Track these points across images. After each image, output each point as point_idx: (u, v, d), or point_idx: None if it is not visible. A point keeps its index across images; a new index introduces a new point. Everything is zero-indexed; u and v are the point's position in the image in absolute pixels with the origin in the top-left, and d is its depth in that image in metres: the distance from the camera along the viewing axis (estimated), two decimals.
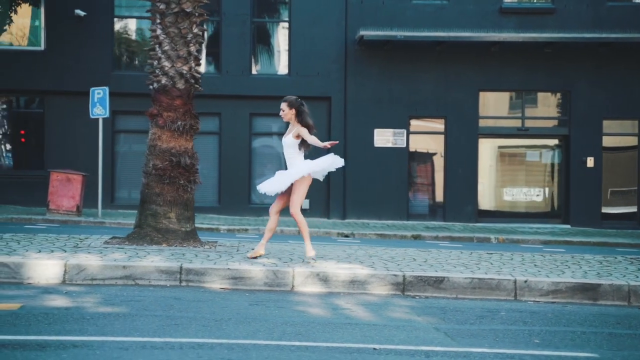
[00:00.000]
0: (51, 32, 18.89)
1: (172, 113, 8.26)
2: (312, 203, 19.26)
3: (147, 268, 6.93)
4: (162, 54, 8.30)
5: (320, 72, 19.19)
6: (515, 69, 19.16)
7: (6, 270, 6.81)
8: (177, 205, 8.26)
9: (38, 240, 8.40)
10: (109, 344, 4.84)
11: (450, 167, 19.31)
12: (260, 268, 7.03)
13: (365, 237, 15.81)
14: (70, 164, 17.98)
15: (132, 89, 18.74)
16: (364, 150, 19.18)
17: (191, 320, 5.57)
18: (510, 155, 20.42)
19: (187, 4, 8.20)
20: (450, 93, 19.22)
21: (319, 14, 19.17)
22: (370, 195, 19.11)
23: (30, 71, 18.74)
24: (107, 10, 19.03)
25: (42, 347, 4.71)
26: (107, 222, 16.31)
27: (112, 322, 5.41)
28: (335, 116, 19.25)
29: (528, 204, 20.02)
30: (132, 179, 19.48)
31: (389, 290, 6.96)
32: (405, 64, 19.16)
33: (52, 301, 6.05)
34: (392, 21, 19.02)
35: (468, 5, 19.19)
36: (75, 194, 16.64)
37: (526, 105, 19.74)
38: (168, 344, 4.88)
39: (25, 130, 19.63)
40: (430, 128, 19.71)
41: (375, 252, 8.55)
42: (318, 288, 6.97)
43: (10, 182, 18.95)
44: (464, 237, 16.15)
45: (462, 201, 19.26)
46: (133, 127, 19.40)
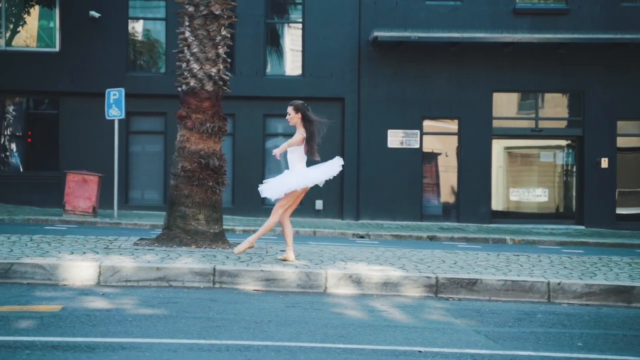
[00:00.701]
0: (66, 33, 18.95)
1: (200, 115, 8.29)
2: (326, 204, 19.30)
3: (180, 270, 6.96)
4: (190, 56, 8.32)
5: (334, 73, 19.22)
6: (528, 70, 19.17)
7: (42, 271, 6.84)
8: (205, 207, 8.28)
9: (68, 242, 8.43)
10: (156, 345, 4.86)
11: (463, 168, 19.33)
12: (293, 270, 7.05)
13: (381, 238, 15.83)
14: (85, 164, 18.03)
15: (145, 90, 18.83)
16: (377, 151, 19.20)
17: (232, 322, 5.60)
18: (522, 155, 20.44)
19: (216, 7, 8.23)
20: (463, 94, 19.23)
21: (333, 14, 19.20)
22: (384, 196, 19.13)
23: (45, 72, 18.80)
24: (122, 11, 19.08)
25: (92, 348, 4.74)
26: (123, 222, 16.35)
27: (155, 324, 5.44)
28: (349, 117, 19.27)
29: (541, 205, 20.02)
30: (145, 180, 19.56)
31: (422, 292, 6.98)
32: (418, 64, 19.17)
33: (91, 303, 6.08)
34: (405, 22, 19.04)
35: (482, 6, 19.21)
36: (91, 195, 16.68)
37: (540, 106, 19.75)
38: (214, 346, 4.90)
39: (40, 131, 19.69)
40: (443, 129, 19.73)
41: (403, 254, 8.57)
42: (351, 290, 6.99)
43: (24, 183, 19.02)
44: (479, 238, 16.15)
45: (476, 202, 19.27)
46: (146, 128, 19.47)
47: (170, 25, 19.12)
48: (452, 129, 19.52)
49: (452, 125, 19.52)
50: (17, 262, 6.84)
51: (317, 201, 19.23)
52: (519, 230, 18.24)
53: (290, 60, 19.88)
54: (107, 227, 15.70)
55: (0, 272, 6.80)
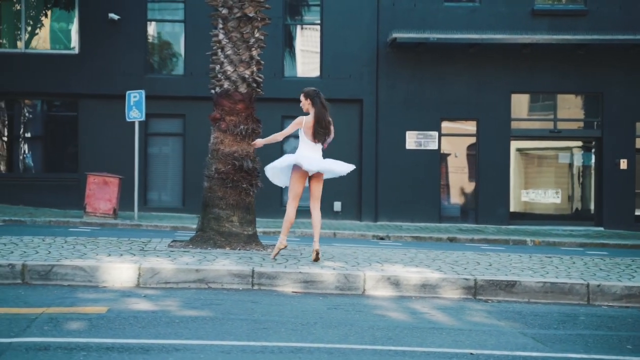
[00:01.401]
0: (85, 35, 19.03)
1: (234, 117, 8.31)
2: (344, 206, 19.31)
3: (219, 272, 6.98)
4: (224, 58, 8.35)
5: (352, 75, 19.23)
6: (547, 71, 19.15)
7: (82, 273, 6.87)
8: (239, 209, 8.30)
9: (102, 244, 8.46)
10: (208, 347, 4.88)
11: (482, 170, 19.31)
12: (331, 272, 7.06)
13: (401, 240, 15.82)
14: (103, 166, 18.09)
15: (164, 92, 18.89)
16: (395, 152, 19.20)
17: (278, 324, 5.61)
18: (539, 157, 20.40)
19: (250, 9, 8.25)
20: (482, 95, 19.22)
21: (351, 16, 19.22)
22: (402, 197, 19.13)
23: (64, 75, 18.89)
24: (140, 14, 19.15)
25: (146, 350, 4.76)
26: (144, 224, 16.39)
27: (202, 326, 5.46)
28: (367, 119, 19.28)
29: (559, 206, 19.98)
30: (164, 182, 19.62)
31: (460, 294, 6.98)
32: (436, 66, 19.17)
33: (134, 304, 6.10)
34: (423, 24, 19.05)
35: (500, 8, 19.19)
36: (112, 197, 16.73)
37: (558, 108, 19.71)
38: (266, 348, 4.92)
39: (59, 133, 19.78)
40: (462, 130, 19.71)
41: (436, 256, 8.57)
42: (389, 292, 7.00)
43: (43, 185, 19.11)
44: (500, 240, 16.12)
45: (494, 203, 19.25)
46: (165, 129, 19.52)
47: (188, 27, 19.20)
48: (471, 130, 19.50)
49: (471, 127, 19.50)
50: (57, 264, 6.88)
51: (335, 203, 19.25)
52: (538, 231, 18.22)
53: (308, 62, 19.91)
54: (128, 228, 15.75)
55: (41, 273, 6.84)
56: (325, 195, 18.77)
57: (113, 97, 18.86)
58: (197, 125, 19.26)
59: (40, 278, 6.83)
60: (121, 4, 19.00)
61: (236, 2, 8.31)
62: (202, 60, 19.19)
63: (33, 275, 6.82)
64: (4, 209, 17.73)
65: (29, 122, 19.66)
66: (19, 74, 18.78)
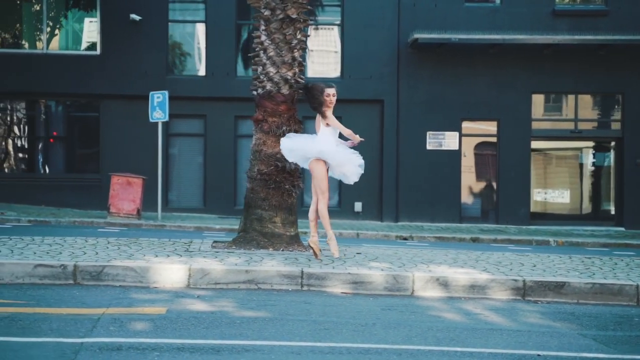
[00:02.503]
0: (107, 36, 19.09)
1: (276, 118, 8.34)
2: (365, 206, 19.33)
3: (269, 272, 7.01)
4: (267, 59, 8.37)
5: (373, 75, 19.25)
6: (568, 71, 19.13)
7: (133, 274, 6.91)
8: (282, 210, 8.34)
9: (145, 245, 8.50)
10: (277, 348, 4.91)
11: (503, 170, 19.31)
12: (380, 273, 7.09)
13: (424, 240, 15.84)
14: (125, 167, 18.14)
15: (185, 92, 18.93)
16: (416, 153, 19.22)
17: (337, 325, 5.64)
18: (560, 157, 20.38)
19: (292, 10, 8.27)
20: (502, 95, 19.21)
21: (371, 17, 19.23)
22: (423, 197, 19.14)
23: (85, 75, 18.95)
24: (162, 14, 19.20)
25: (217, 350, 4.80)
26: (168, 225, 16.44)
27: (264, 326, 5.49)
28: (388, 119, 19.30)
29: (579, 207, 19.97)
30: (185, 182, 19.67)
31: (509, 295, 7.00)
32: (457, 66, 19.17)
33: (191, 305, 6.14)
34: (444, 24, 19.05)
35: (521, 8, 19.18)
36: (135, 197, 16.78)
37: (579, 108, 19.69)
38: (334, 349, 4.94)
39: (81, 133, 19.86)
40: (482, 130, 19.71)
41: (478, 257, 8.59)
42: (438, 293, 7.02)
43: (65, 186, 19.17)
44: (523, 240, 16.12)
45: (515, 204, 19.25)
46: (186, 130, 19.57)
47: (210, 27, 19.25)
48: (491, 130, 19.50)
49: (491, 127, 19.51)
50: (108, 265, 6.92)
51: (356, 203, 19.28)
52: (559, 232, 18.21)
53: (329, 62, 19.94)
54: (152, 229, 15.80)
55: (93, 274, 6.88)
56: (346, 195, 19.00)
57: (134, 97, 18.92)
58: (218, 125, 19.34)
59: (92, 279, 6.87)
60: (142, 4, 19.05)
61: (279, 4, 8.33)
62: (223, 60, 19.35)
63: (85, 275, 6.87)
64: (27, 209, 17.81)
65: (50, 122, 19.73)
66: (41, 75, 18.85)
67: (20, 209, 17.62)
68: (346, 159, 7.82)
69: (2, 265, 6.76)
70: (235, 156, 19.41)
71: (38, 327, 5.17)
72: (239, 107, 19.21)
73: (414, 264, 7.69)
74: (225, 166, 19.31)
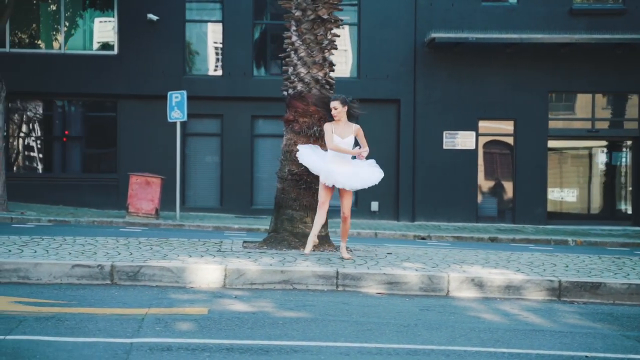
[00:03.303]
0: (124, 36, 19.15)
1: (307, 119, 8.35)
2: (381, 205, 19.34)
3: (304, 273, 7.03)
4: (298, 60, 8.39)
5: (390, 75, 19.26)
6: (585, 71, 19.10)
7: (169, 274, 6.94)
8: (312, 210, 8.34)
9: (177, 245, 8.52)
10: (325, 349, 4.92)
11: (519, 169, 19.29)
12: (415, 273, 7.10)
13: (442, 240, 15.83)
14: (142, 167, 18.21)
15: (202, 92, 18.98)
16: (432, 152, 19.22)
17: (380, 326, 5.65)
18: (576, 157, 20.34)
19: (323, 11, 8.28)
20: (519, 95, 19.19)
21: (388, 16, 19.23)
22: (439, 197, 19.14)
23: (103, 75, 19.02)
24: (179, 14, 19.25)
25: (266, 351, 4.82)
26: (186, 225, 16.48)
27: (308, 327, 5.50)
28: (405, 119, 19.30)
29: (595, 206, 19.93)
30: (202, 182, 19.71)
31: (544, 295, 7.00)
32: (474, 66, 19.16)
33: (231, 306, 6.16)
34: (461, 23, 19.04)
35: (538, 7, 19.15)
36: (154, 197, 16.82)
37: (596, 107, 19.65)
38: (382, 350, 4.95)
39: (98, 133, 19.92)
40: (499, 130, 19.70)
41: (508, 257, 8.59)
42: (473, 293, 7.02)
43: (82, 185, 19.25)
44: (541, 240, 16.10)
45: (532, 203, 19.23)
46: (203, 130, 19.61)
47: (226, 27, 19.28)
48: (508, 130, 19.48)
49: (508, 127, 19.48)
50: (145, 265, 6.95)
51: (372, 203, 19.28)
52: (577, 231, 18.18)
53: (346, 61, 19.94)
54: (171, 229, 15.84)
55: (130, 274, 6.91)
56: (363, 195, 18.98)
57: (152, 97, 18.99)
58: (234, 125, 19.37)
59: (129, 279, 6.90)
60: (159, 4, 19.10)
61: (310, 4, 8.35)
62: (240, 60, 19.38)
63: (122, 276, 6.90)
64: (45, 209, 17.88)
65: (67, 122, 19.80)
66: (58, 75, 18.92)
67: (39, 209, 17.69)
68: (346, 180, 7.76)
69: (40, 265, 6.79)
70: (252, 156, 19.45)
71: (85, 327, 5.20)
72: (255, 106, 19.26)
73: (447, 265, 7.69)
74: (241, 166, 19.35)
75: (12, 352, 4.51)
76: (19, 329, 5.04)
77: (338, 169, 7.74)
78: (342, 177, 7.72)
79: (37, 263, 6.80)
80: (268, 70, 19.96)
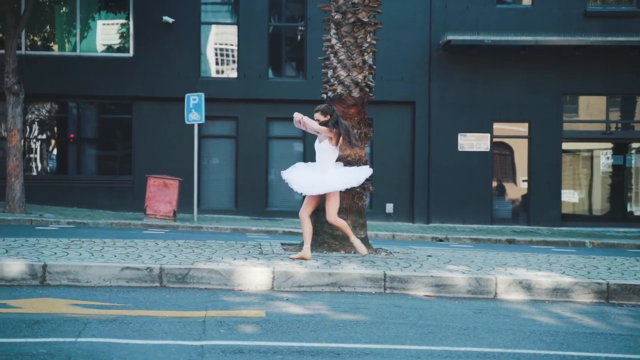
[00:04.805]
0: (139, 38, 19.13)
1: (347, 121, 8.35)
2: (396, 207, 19.34)
3: (351, 275, 7.03)
4: (337, 63, 8.39)
5: (404, 77, 19.27)
6: (599, 73, 19.13)
7: (217, 277, 6.93)
8: (352, 213, 8.36)
9: (216, 247, 8.51)
10: (396, 352, 4.92)
11: (534, 171, 19.32)
12: (462, 276, 7.10)
13: (460, 242, 15.85)
14: (158, 169, 18.17)
15: (217, 94, 18.94)
16: (447, 154, 19.23)
17: (440, 329, 5.64)
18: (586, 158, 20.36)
19: (363, 14, 8.30)
20: (534, 97, 19.23)
21: (403, 18, 19.23)
22: (454, 199, 19.16)
23: (118, 77, 18.99)
24: (194, 16, 19.24)
25: (337, 354, 4.81)
26: (204, 227, 16.48)
27: (370, 330, 5.49)
28: (419, 121, 19.31)
29: (609, 208, 19.97)
30: (217, 184, 19.69)
31: (592, 298, 7.00)
32: (488, 68, 19.19)
33: (286, 308, 6.15)
34: (476, 26, 19.06)
35: (552, 10, 19.19)
36: (172, 199, 16.81)
37: (610, 109, 19.71)
38: (451, 353, 4.94)
39: (113, 135, 19.90)
40: (514, 132, 19.72)
41: (546, 259, 8.60)
42: (521, 296, 7.02)
43: (97, 187, 19.22)
44: (559, 242, 16.13)
45: (546, 205, 19.25)
46: (218, 132, 19.60)
47: (242, 29, 19.28)
48: (523, 132, 19.51)
49: (522, 129, 19.52)
50: (193, 268, 6.94)
51: (387, 204, 19.28)
52: (592, 233, 18.21)
53: None
54: (189, 231, 15.83)
55: (178, 277, 6.90)
56: (378, 197, 18.97)
57: (167, 99, 18.98)
58: (249, 127, 19.36)
59: (177, 281, 6.89)
60: (175, 6, 19.09)
61: (350, 7, 8.36)
62: (255, 62, 19.37)
63: (170, 278, 6.89)
64: (62, 211, 17.85)
65: (83, 124, 19.76)
66: (73, 77, 18.87)
67: (56, 211, 17.66)
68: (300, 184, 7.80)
69: (89, 268, 6.78)
70: (267, 158, 19.44)
71: (150, 330, 5.19)
72: (270, 108, 19.26)
73: (491, 267, 7.69)
74: (256, 168, 19.34)
75: (89, 355, 4.50)
76: (86, 332, 5.03)
77: (301, 173, 7.85)
78: (299, 181, 7.77)
79: (86, 266, 6.79)
80: (283, 72, 19.97)
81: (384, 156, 19.02)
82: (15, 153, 16.42)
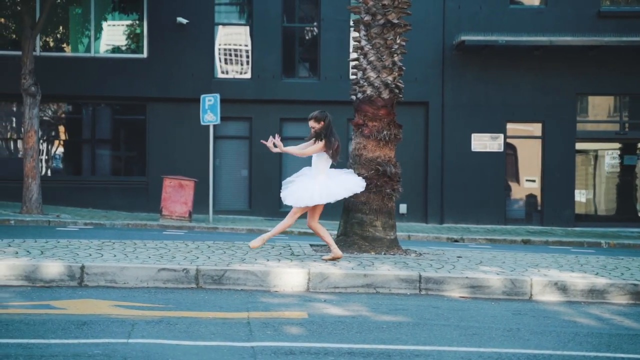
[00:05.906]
0: (154, 39, 19.14)
1: (377, 123, 8.37)
2: (410, 208, 19.35)
3: (387, 276, 7.03)
4: (367, 64, 8.40)
5: (418, 77, 19.23)
6: (613, 73, 19.12)
7: (253, 278, 6.94)
8: (382, 214, 8.36)
9: (247, 249, 8.48)
10: (445, 353, 4.92)
11: (547, 171, 19.32)
12: (497, 277, 7.10)
13: (475, 242, 15.84)
14: (172, 169, 18.19)
15: (231, 95, 18.95)
16: (461, 154, 19.23)
17: (484, 330, 5.64)
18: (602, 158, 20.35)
19: (393, 15, 8.30)
20: (547, 97, 19.22)
21: (417, 19, 19.08)
22: (468, 199, 19.15)
23: (132, 78, 19.00)
24: (208, 17, 19.25)
25: (388, 355, 4.81)
26: (220, 227, 16.48)
27: (414, 331, 5.50)
28: (433, 121, 19.32)
29: (623, 208, 19.96)
30: (231, 184, 19.70)
31: (628, 299, 7.00)
32: (502, 68, 19.19)
33: (326, 309, 6.16)
34: (489, 26, 19.05)
35: (566, 10, 19.18)
36: (187, 200, 16.83)
37: (624, 109, 19.70)
38: (501, 355, 4.94)
39: (128, 136, 19.92)
40: (527, 132, 19.72)
41: (576, 260, 8.60)
42: (556, 297, 7.02)
43: (112, 188, 19.23)
44: (574, 242, 16.11)
45: (560, 205, 19.24)
46: (232, 133, 19.60)
47: (255, 31, 19.29)
48: (536, 132, 19.51)
49: (536, 129, 19.51)
50: (229, 269, 6.94)
51: (401, 205, 19.27)
52: (606, 233, 18.19)
53: None
54: (205, 231, 15.83)
55: (214, 278, 6.91)
56: None
57: (181, 100, 19.00)
58: (263, 128, 19.32)
59: (214, 282, 6.90)
60: (189, 7, 19.10)
61: (379, 9, 8.36)
62: (269, 63, 19.38)
63: (207, 279, 6.89)
64: (77, 212, 17.86)
65: (97, 125, 19.78)
66: (88, 78, 18.88)
67: (72, 212, 17.67)
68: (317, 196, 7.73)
69: (126, 269, 6.79)
70: (280, 158, 19.43)
71: (198, 331, 5.20)
72: (284, 109, 19.27)
73: (524, 268, 7.69)
74: (270, 168, 19.34)
75: (144, 355, 4.51)
76: (136, 333, 5.04)
77: (295, 187, 7.92)
78: (297, 194, 7.81)
79: (123, 267, 6.80)
80: (296, 73, 19.98)
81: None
82: (32, 154, 16.44)
